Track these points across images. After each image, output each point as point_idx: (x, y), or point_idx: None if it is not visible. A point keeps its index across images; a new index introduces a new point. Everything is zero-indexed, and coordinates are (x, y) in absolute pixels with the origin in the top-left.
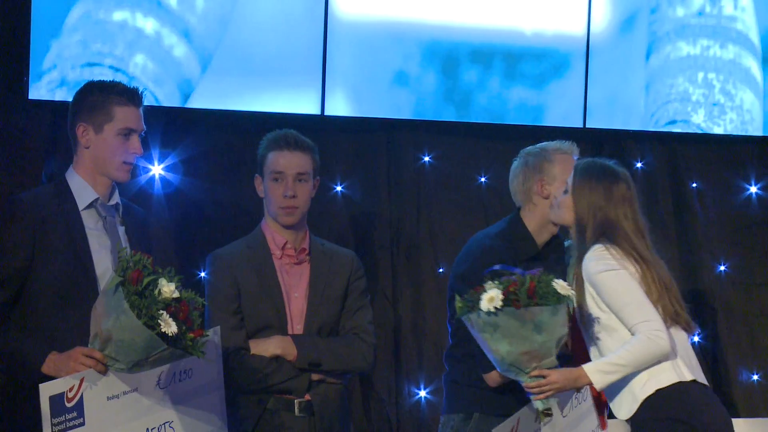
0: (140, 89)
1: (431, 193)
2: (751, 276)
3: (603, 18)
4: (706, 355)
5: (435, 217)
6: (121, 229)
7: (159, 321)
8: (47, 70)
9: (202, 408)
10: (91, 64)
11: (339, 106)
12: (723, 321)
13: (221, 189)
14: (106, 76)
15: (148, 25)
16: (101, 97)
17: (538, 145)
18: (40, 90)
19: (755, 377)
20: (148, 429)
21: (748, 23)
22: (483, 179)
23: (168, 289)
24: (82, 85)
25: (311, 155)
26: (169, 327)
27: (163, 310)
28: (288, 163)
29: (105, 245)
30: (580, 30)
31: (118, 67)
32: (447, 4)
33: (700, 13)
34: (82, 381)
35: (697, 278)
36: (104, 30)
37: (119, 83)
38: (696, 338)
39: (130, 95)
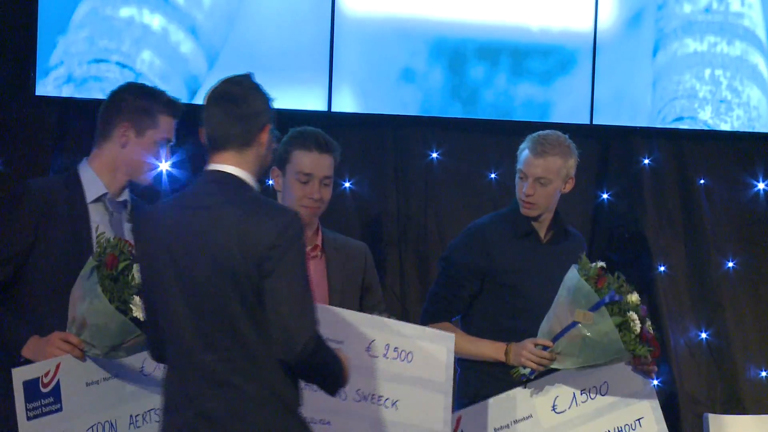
0: (181, 101)
1: (439, 189)
2: (759, 272)
3: (610, 15)
4: (713, 351)
5: (443, 212)
6: (128, 227)
7: (131, 305)
8: (54, 66)
9: None
10: (97, 61)
11: (346, 103)
12: (731, 317)
13: None
14: (113, 72)
15: (155, 21)
16: (149, 102)
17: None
18: (47, 86)
19: (763, 373)
20: (131, 416)
21: (755, 20)
22: (493, 175)
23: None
24: (126, 84)
25: (335, 156)
26: (141, 312)
27: (135, 294)
28: (317, 166)
29: None
30: (587, 27)
31: (125, 64)
32: (454, 1)
33: (707, 9)
34: (58, 366)
35: (705, 275)
36: (111, 26)
37: (165, 92)
38: (703, 335)
39: (175, 108)
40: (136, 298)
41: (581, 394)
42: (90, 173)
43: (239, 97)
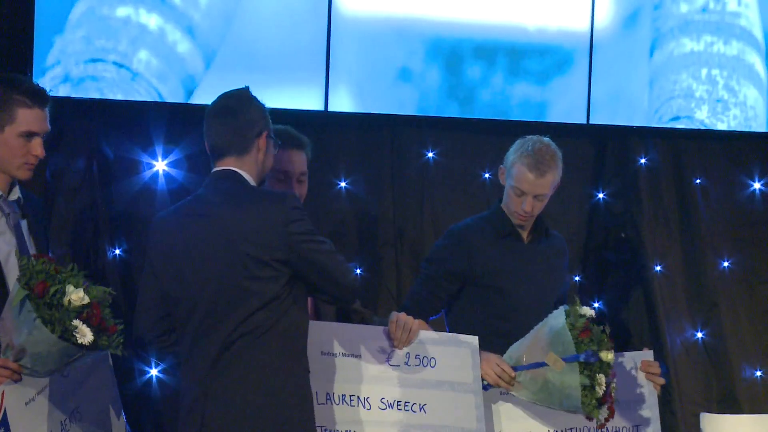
0: (46, 89)
1: (435, 189)
2: (755, 272)
3: (606, 14)
4: (709, 351)
5: (439, 213)
6: (24, 223)
7: (74, 333)
8: (51, 66)
9: (96, 383)
10: (94, 60)
11: (343, 102)
12: (726, 317)
13: None
14: (110, 72)
15: (152, 21)
16: (4, 95)
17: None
18: (43, 86)
19: (758, 373)
20: (61, 422)
21: (752, 19)
22: (487, 175)
23: (77, 296)
24: None
25: (307, 152)
26: (85, 337)
27: (75, 318)
28: (293, 163)
29: (11, 244)
30: (583, 26)
31: (122, 63)
32: (450, 1)
33: (704, 9)
34: (3, 394)
35: (700, 274)
36: (108, 26)
37: (25, 81)
38: (699, 334)
39: (35, 96)
40: (78, 323)
41: None
42: None
43: (235, 109)
